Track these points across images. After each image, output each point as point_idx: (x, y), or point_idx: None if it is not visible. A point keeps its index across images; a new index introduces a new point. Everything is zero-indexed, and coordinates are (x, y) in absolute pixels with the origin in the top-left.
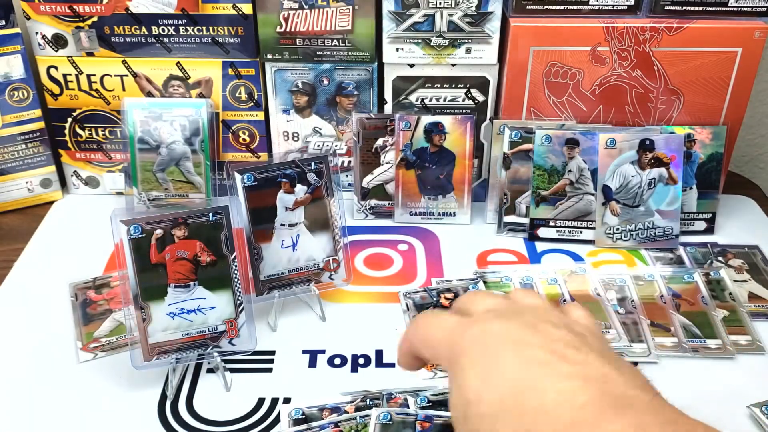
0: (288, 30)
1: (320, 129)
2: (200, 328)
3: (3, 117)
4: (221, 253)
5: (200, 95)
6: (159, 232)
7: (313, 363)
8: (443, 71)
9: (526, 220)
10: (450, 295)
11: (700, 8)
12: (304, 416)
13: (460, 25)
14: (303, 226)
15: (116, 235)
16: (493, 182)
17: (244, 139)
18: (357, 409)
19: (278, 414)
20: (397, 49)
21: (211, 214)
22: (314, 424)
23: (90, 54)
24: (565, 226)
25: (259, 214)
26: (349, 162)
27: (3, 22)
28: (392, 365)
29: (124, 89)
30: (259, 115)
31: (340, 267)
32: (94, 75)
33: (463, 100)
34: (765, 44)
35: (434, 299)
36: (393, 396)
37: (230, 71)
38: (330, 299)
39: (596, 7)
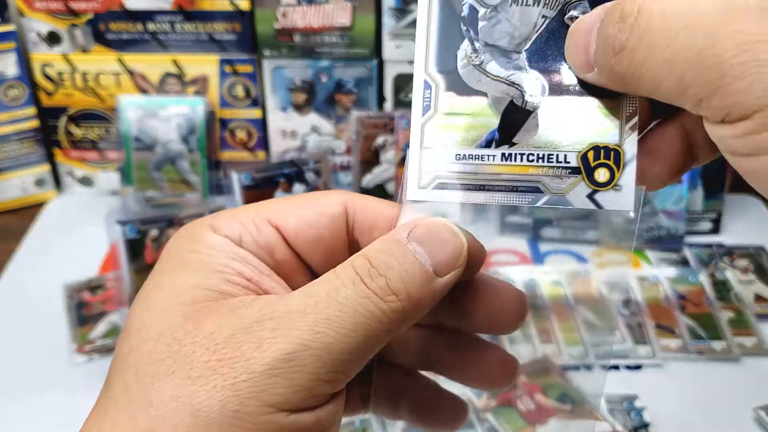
0: (286, 26)
1: (319, 127)
2: None
3: None
4: None
5: (197, 93)
6: (155, 232)
7: None
8: None
9: (529, 220)
10: None
11: None
12: None
13: None
14: None
15: (111, 236)
16: None
17: (241, 138)
18: None
19: None
20: (397, 46)
21: (207, 214)
22: None
23: (85, 51)
24: (569, 226)
25: None
26: (348, 161)
27: None
28: None
29: (119, 87)
30: (257, 113)
31: None
32: (89, 73)
33: None
34: None
35: None
36: None
37: (227, 68)
38: None
39: None
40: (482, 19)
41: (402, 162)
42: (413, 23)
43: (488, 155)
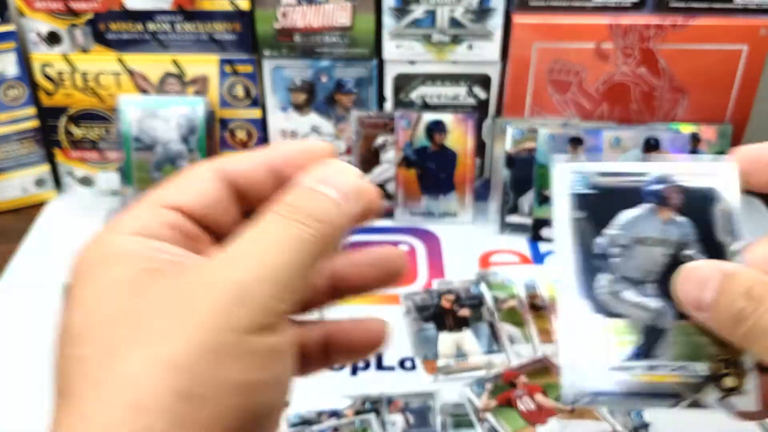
0: (286, 26)
1: (319, 127)
2: None
3: None
4: None
5: (197, 93)
6: None
7: None
8: (444, 68)
9: (529, 220)
10: (451, 297)
11: (706, 5)
12: (302, 420)
13: (462, 21)
14: None
15: None
16: (496, 181)
17: (241, 138)
18: (356, 413)
19: None
20: (397, 46)
21: None
22: (314, 428)
23: (85, 51)
24: None
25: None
26: (348, 161)
27: None
28: (392, 368)
29: (119, 87)
30: (257, 113)
31: None
32: (89, 73)
33: (465, 98)
34: None
35: (435, 301)
36: (393, 400)
37: (227, 68)
38: None
39: (600, 4)
40: (615, 256)
41: (402, 162)
42: (413, 23)
43: (636, 366)
